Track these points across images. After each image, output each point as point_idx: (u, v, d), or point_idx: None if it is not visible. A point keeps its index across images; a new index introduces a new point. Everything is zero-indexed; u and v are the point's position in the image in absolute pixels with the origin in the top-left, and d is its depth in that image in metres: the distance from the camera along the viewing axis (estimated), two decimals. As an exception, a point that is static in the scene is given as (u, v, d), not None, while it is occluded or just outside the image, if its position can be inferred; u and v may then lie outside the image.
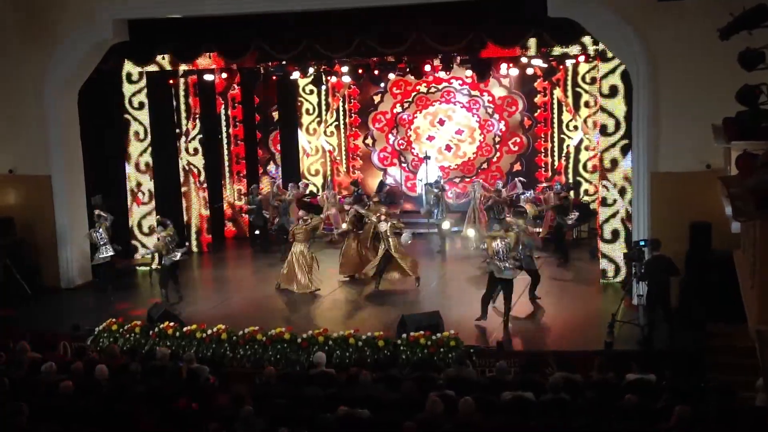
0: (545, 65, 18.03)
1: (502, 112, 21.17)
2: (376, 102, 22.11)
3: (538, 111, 20.87)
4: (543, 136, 20.93)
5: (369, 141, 22.37)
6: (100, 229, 15.35)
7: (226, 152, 20.47)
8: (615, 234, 14.90)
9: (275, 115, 21.88)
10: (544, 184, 19.79)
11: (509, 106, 21.12)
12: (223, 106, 20.25)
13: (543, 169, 21.01)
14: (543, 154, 21.00)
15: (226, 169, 20.54)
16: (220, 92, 19.67)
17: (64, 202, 16.02)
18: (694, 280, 12.33)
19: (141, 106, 17.54)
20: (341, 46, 15.20)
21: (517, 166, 21.19)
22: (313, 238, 15.84)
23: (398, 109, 21.92)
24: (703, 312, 11.78)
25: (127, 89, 17.45)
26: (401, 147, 22.04)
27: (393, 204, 19.98)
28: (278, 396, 9.20)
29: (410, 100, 21.80)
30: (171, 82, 18.14)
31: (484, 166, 21.41)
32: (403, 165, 22.12)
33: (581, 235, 18.97)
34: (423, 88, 21.60)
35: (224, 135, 20.40)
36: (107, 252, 15.36)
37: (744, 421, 7.99)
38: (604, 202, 15.02)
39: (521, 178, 19.43)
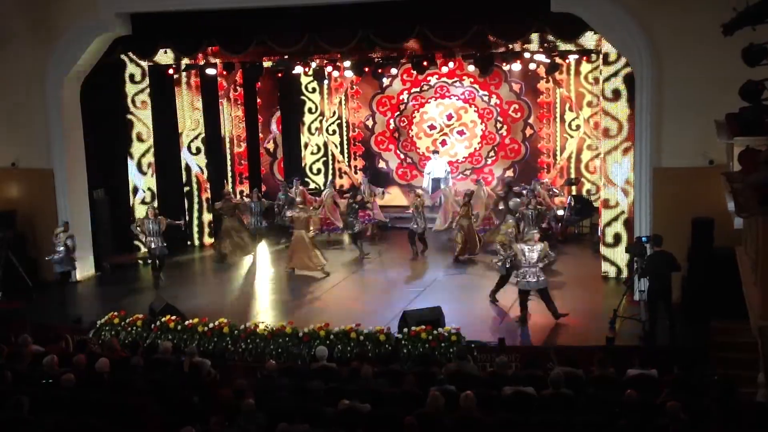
0: (548, 60, 18.00)
1: (489, 87, 21.12)
2: (384, 85, 22.00)
3: (541, 97, 20.87)
4: (545, 121, 20.90)
5: (370, 122, 22.34)
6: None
7: (228, 150, 20.47)
8: (617, 237, 14.87)
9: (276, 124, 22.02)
10: (546, 180, 19.80)
11: (493, 80, 21.04)
12: (225, 104, 20.23)
13: (545, 155, 20.98)
14: (545, 140, 20.98)
15: (229, 167, 20.54)
16: (223, 76, 19.54)
17: (66, 196, 16.03)
18: (696, 275, 12.32)
19: (144, 105, 17.51)
20: (344, 41, 15.16)
21: (510, 172, 21.25)
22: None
23: (405, 96, 21.91)
24: (705, 308, 11.78)
25: (130, 89, 17.42)
26: (401, 124, 21.98)
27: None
28: (280, 390, 9.22)
29: (418, 90, 21.76)
30: (170, 72, 18.09)
31: (467, 172, 21.36)
32: (396, 138, 22.09)
33: (583, 230, 18.98)
34: (434, 80, 21.56)
35: (226, 133, 20.39)
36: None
37: (745, 416, 7.98)
38: (606, 205, 15.00)
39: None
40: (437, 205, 19.44)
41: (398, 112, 21.99)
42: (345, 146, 22.72)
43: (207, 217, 19.30)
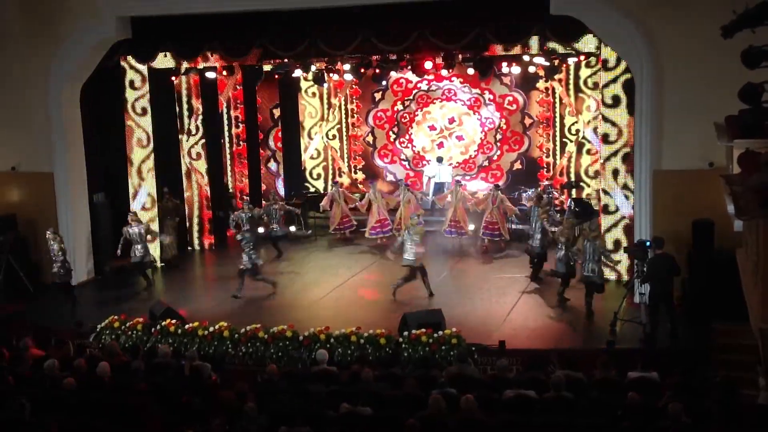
0: (547, 63, 18.00)
1: (503, 110, 21.10)
2: (377, 99, 22.11)
3: (540, 96, 20.79)
4: (544, 122, 20.84)
5: (370, 139, 22.36)
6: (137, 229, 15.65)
7: (228, 154, 20.46)
8: (617, 243, 14.83)
9: (276, 113, 21.94)
10: (546, 182, 19.79)
11: (510, 105, 21.05)
12: (225, 108, 20.21)
13: (544, 154, 20.95)
14: (544, 139, 20.91)
15: (229, 170, 20.52)
16: (223, 76, 19.47)
17: (66, 200, 16.02)
18: (696, 278, 12.32)
19: (144, 111, 17.44)
20: (344, 44, 15.17)
21: (518, 165, 21.22)
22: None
23: (399, 107, 21.87)
24: (706, 310, 11.77)
25: (129, 95, 17.40)
26: (403, 120, 21.95)
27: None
28: (280, 394, 9.22)
29: (411, 98, 21.78)
30: (174, 79, 18.10)
31: (458, 178, 21.35)
32: (391, 133, 22.06)
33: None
34: (424, 86, 21.58)
35: (226, 137, 20.39)
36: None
37: (747, 419, 7.99)
38: (605, 210, 14.99)
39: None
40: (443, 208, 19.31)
41: (401, 109, 21.98)
42: (345, 149, 22.69)
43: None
